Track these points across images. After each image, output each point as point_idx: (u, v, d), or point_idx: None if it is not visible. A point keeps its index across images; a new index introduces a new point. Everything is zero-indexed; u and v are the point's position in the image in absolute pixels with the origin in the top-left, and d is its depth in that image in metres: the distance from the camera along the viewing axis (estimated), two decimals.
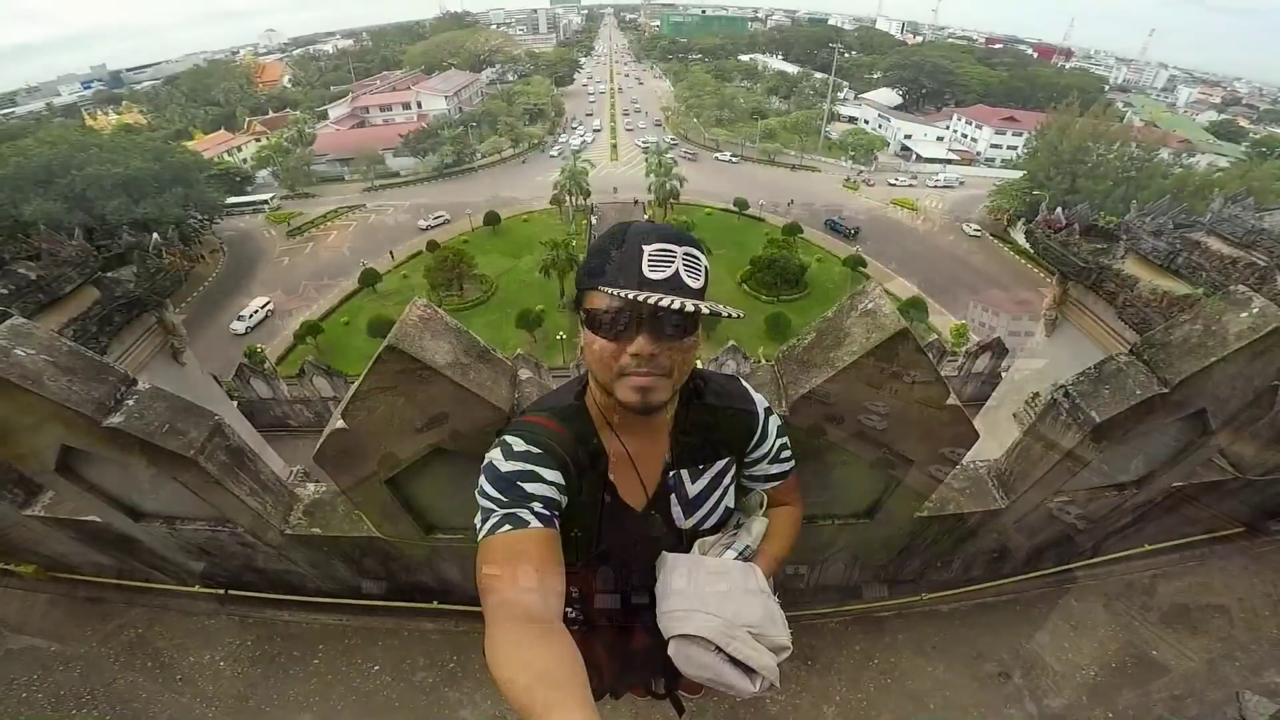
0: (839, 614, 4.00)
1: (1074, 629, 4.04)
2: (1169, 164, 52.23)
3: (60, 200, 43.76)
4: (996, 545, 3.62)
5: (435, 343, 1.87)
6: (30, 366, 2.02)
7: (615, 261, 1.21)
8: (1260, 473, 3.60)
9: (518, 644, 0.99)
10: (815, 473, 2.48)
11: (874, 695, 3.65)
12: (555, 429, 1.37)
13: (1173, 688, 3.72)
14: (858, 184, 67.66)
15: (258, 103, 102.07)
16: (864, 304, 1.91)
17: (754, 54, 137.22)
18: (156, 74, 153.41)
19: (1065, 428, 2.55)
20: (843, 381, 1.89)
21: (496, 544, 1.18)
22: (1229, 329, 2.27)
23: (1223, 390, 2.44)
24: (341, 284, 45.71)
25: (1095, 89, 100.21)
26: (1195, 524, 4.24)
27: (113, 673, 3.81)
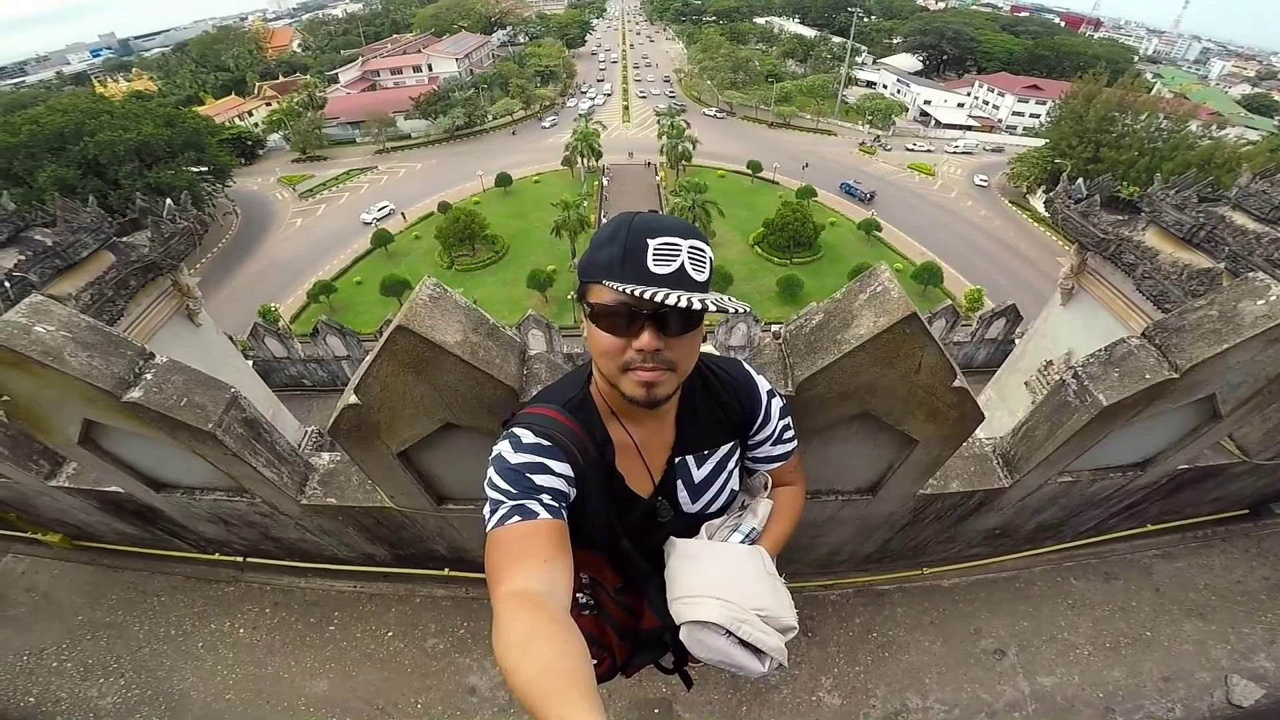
0: (839, 586, 4.07)
1: (1072, 608, 4.09)
2: (1197, 136, 50.46)
3: (73, 166, 43.97)
4: (1000, 523, 3.64)
5: (445, 322, 1.89)
6: (51, 343, 2.07)
7: (620, 255, 1.20)
8: (1268, 457, 3.57)
9: (525, 633, 0.99)
10: (819, 450, 2.50)
11: (871, 667, 3.73)
12: (563, 421, 1.38)
13: (1163, 668, 3.77)
14: (874, 149, 66.59)
15: (268, 68, 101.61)
16: (873, 286, 1.91)
17: (770, 16, 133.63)
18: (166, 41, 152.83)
19: (1073, 409, 2.54)
20: (849, 363, 1.90)
21: (505, 535, 1.19)
22: (1244, 316, 2.24)
23: (1234, 376, 2.44)
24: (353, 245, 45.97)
25: (1124, 59, 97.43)
26: (1199, 506, 4.25)
27: (138, 641, 3.94)
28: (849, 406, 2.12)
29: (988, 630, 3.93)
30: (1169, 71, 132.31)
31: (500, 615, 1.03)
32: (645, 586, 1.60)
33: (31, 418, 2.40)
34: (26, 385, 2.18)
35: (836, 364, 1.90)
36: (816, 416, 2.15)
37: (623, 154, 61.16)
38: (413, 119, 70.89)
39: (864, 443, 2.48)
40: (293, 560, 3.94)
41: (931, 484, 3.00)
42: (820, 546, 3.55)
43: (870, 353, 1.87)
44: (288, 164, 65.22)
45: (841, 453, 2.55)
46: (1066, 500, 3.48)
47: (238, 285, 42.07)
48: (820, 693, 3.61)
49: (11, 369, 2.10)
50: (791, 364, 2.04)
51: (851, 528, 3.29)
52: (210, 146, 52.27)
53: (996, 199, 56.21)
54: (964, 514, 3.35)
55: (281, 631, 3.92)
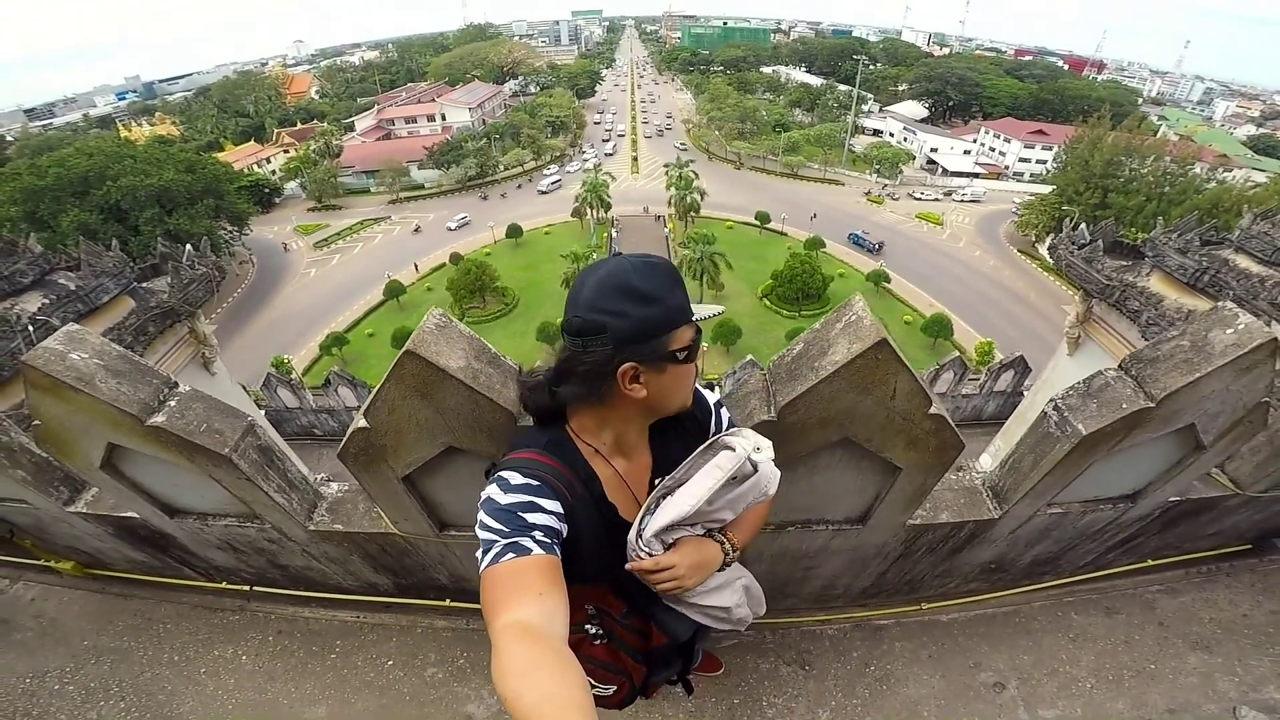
0: (836, 621, 4.09)
1: (1073, 641, 4.07)
2: (1203, 179, 50.96)
3: (96, 211, 45.00)
4: (994, 556, 3.68)
5: (450, 348, 2.03)
6: (84, 369, 2.23)
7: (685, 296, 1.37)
8: (1261, 489, 3.61)
9: (523, 663, 1.01)
10: (805, 478, 2.60)
11: (869, 700, 3.71)
12: (547, 462, 1.44)
13: (1168, 701, 3.73)
14: (882, 198, 67.52)
15: (286, 114, 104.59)
16: (848, 316, 2.04)
17: (777, 66, 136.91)
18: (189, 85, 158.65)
19: (1054, 439, 2.64)
20: (826, 389, 2.02)
21: (500, 572, 1.22)
22: (1215, 345, 2.34)
23: (1210, 406, 2.52)
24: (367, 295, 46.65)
25: (1128, 102, 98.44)
26: (1199, 540, 4.25)
27: (140, 666, 4.00)
28: (830, 432, 2.22)
29: (987, 664, 3.92)
30: (1174, 113, 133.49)
31: (498, 646, 1.06)
32: (650, 608, 1.68)
33: (59, 441, 2.54)
34: (58, 410, 2.33)
35: (814, 389, 2.01)
36: (799, 442, 2.25)
37: (631, 205, 62.27)
38: (426, 169, 72.50)
39: (849, 470, 2.58)
40: (298, 589, 4.02)
41: (921, 515, 3.08)
42: (815, 579, 3.60)
43: (846, 378, 1.99)
44: (304, 212, 66.89)
45: (828, 481, 2.64)
46: (1059, 533, 3.52)
47: (252, 335, 42.74)
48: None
49: (46, 394, 2.25)
50: (774, 390, 2.17)
51: (844, 559, 3.34)
52: (229, 194, 53.53)
53: (1005, 248, 56.65)
54: (956, 546, 3.41)
55: (283, 659, 3.97)
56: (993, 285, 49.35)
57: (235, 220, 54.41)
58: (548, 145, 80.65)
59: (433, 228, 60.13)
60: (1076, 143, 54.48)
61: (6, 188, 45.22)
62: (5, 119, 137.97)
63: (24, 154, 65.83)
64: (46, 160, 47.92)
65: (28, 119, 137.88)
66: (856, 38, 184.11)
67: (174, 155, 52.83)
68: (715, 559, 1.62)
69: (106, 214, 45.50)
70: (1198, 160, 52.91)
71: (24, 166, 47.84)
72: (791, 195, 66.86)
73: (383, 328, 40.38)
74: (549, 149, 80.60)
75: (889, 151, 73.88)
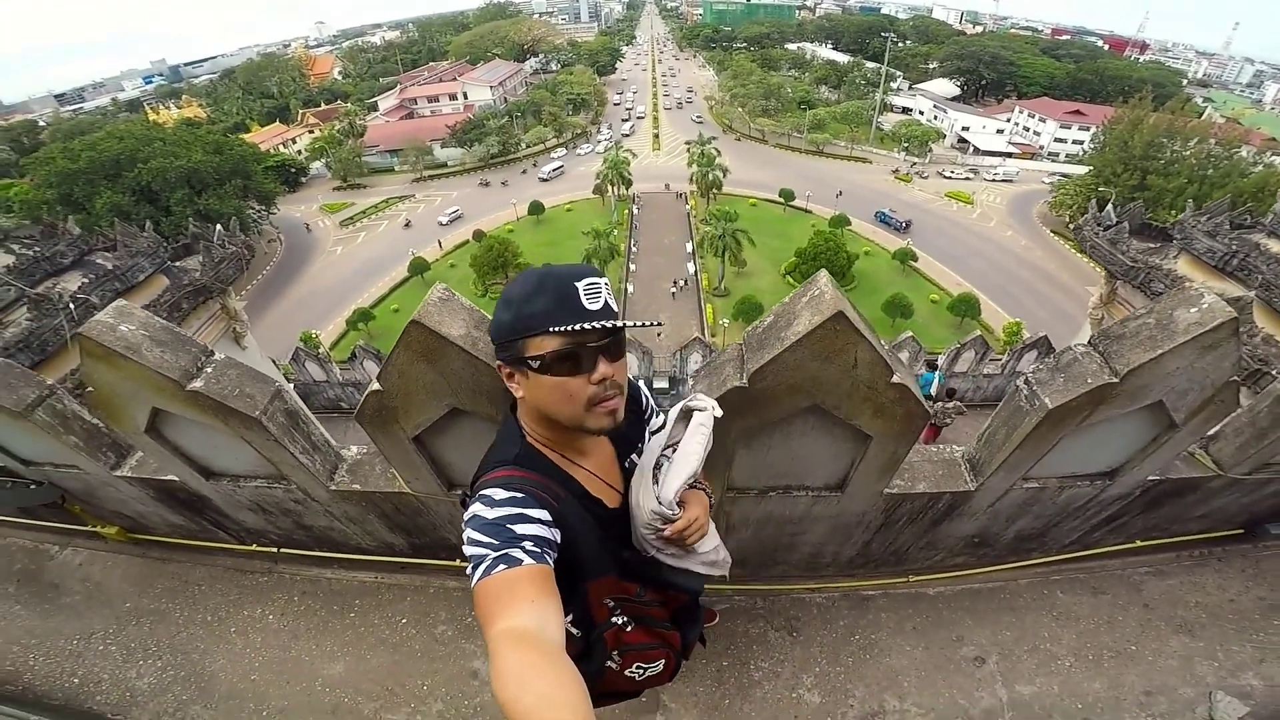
0: (825, 590, 4.25)
1: (1056, 619, 4.15)
2: (1249, 163, 49.20)
3: (128, 193, 45.98)
4: (977, 530, 3.82)
5: (451, 319, 2.27)
6: (132, 339, 2.51)
7: (555, 302, 1.33)
8: (1244, 471, 3.67)
9: (519, 667, 1.03)
10: (781, 443, 2.80)
11: (851, 668, 3.85)
12: (524, 474, 1.45)
13: (1145, 683, 3.80)
14: (910, 176, 66.41)
15: (310, 95, 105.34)
16: (812, 291, 2.22)
17: (802, 43, 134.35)
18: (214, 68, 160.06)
19: (1024, 413, 2.79)
20: (791, 357, 2.21)
21: (491, 584, 1.21)
22: (1178, 323, 2.44)
23: (1178, 383, 2.61)
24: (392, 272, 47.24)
25: (1172, 83, 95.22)
26: (1188, 522, 4.30)
27: (177, 626, 4.30)
28: (799, 399, 2.41)
29: (970, 638, 4.02)
30: (1220, 95, 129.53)
31: (494, 654, 1.07)
32: (660, 577, 1.79)
33: (110, 406, 2.83)
34: (109, 376, 2.62)
35: (779, 357, 2.21)
36: (773, 408, 2.46)
37: (652, 181, 61.99)
38: (448, 147, 72.82)
39: (823, 437, 2.76)
40: (321, 550, 4.32)
41: (899, 484, 3.25)
42: (802, 546, 3.78)
43: (808, 347, 2.18)
44: (329, 191, 67.73)
45: (804, 447, 2.83)
46: (1039, 508, 3.65)
47: (281, 311, 43.62)
48: (801, 690, 3.75)
49: (99, 361, 2.54)
50: (746, 359, 2.37)
51: (828, 526, 3.52)
52: (256, 174, 54.46)
53: (1038, 228, 55.52)
54: (936, 517, 3.57)
55: (307, 618, 4.26)
56: (1024, 266, 48.48)
57: (263, 200, 55.29)
58: (569, 122, 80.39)
59: (424, 220, 58.91)
60: (1116, 123, 52.93)
61: (42, 171, 46.39)
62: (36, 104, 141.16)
63: (56, 138, 67.10)
64: (79, 144, 49.06)
65: (58, 104, 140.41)
66: (885, 15, 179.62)
67: (201, 137, 53.80)
68: (707, 504, 1.83)
69: (138, 195, 46.57)
70: (1245, 143, 51.12)
71: (57, 150, 48.92)
72: (817, 173, 65.99)
73: (408, 303, 41.33)
74: (570, 126, 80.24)
75: (918, 130, 72.67)
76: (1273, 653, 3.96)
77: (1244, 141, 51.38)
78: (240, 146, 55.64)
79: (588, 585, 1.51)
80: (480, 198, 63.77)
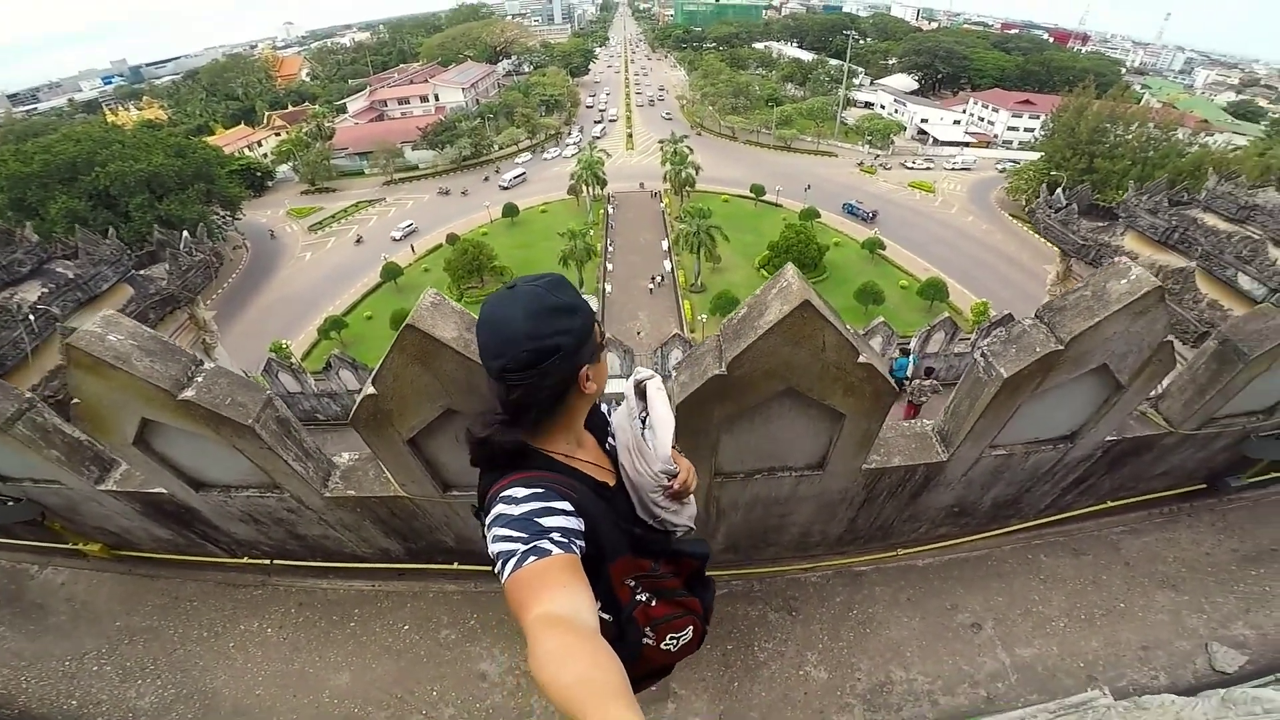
0: (819, 569, 4.37)
1: (1043, 582, 4.31)
2: (1185, 144, 51.92)
3: (84, 198, 44.10)
4: (954, 499, 3.98)
5: (444, 322, 2.33)
6: (121, 349, 2.50)
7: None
8: (1193, 427, 3.90)
9: (557, 649, 1.04)
10: (762, 427, 2.93)
11: (853, 643, 3.96)
12: (538, 474, 1.49)
13: (1141, 638, 3.95)
14: (874, 168, 67.49)
15: (277, 97, 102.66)
16: (780, 283, 2.39)
17: (768, 42, 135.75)
18: (177, 68, 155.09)
19: (983, 383, 2.97)
20: (764, 344, 2.35)
21: (523, 575, 1.24)
22: (1111, 293, 2.68)
23: (1116, 346, 2.84)
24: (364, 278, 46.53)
25: (1112, 72, 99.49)
26: (1152, 480, 4.52)
27: (172, 644, 4.24)
28: (775, 383, 2.55)
29: (963, 606, 4.17)
30: (1156, 82, 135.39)
31: (531, 639, 1.08)
32: (669, 547, 1.86)
33: (96, 418, 2.80)
34: (97, 387, 2.60)
35: (754, 345, 2.36)
36: (750, 393, 2.59)
37: (627, 181, 61.58)
38: (420, 149, 71.63)
39: (800, 418, 2.89)
40: (315, 560, 4.29)
41: (876, 459, 3.39)
42: (791, 526, 3.89)
43: (780, 334, 2.33)
44: (296, 196, 66.12)
45: (783, 429, 2.96)
46: (1010, 475, 3.82)
47: (249, 320, 42.45)
48: (807, 667, 3.85)
49: (87, 372, 2.52)
50: (724, 348, 2.50)
51: (814, 505, 3.64)
52: (220, 178, 52.67)
53: (997, 212, 56.80)
54: (915, 490, 3.71)
55: (306, 630, 4.23)
56: (986, 249, 49.66)
57: (227, 205, 53.67)
58: (542, 124, 79.56)
59: (377, 235, 55.08)
60: (1063, 111, 54.73)
61: None
62: None
63: (8, 140, 64.49)
64: (32, 146, 46.75)
65: (11, 104, 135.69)
66: (846, 13, 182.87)
67: (163, 140, 51.72)
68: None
69: (96, 200, 44.60)
70: (1180, 126, 53.47)
71: (9, 153, 46.06)
72: (786, 168, 66.67)
73: (381, 310, 40.31)
74: (544, 127, 79.45)
75: (880, 123, 73.71)
76: (1257, 602, 4.14)
77: (1179, 124, 53.67)
78: (203, 149, 53.63)
79: (610, 568, 1.55)
80: (438, 208, 60.70)
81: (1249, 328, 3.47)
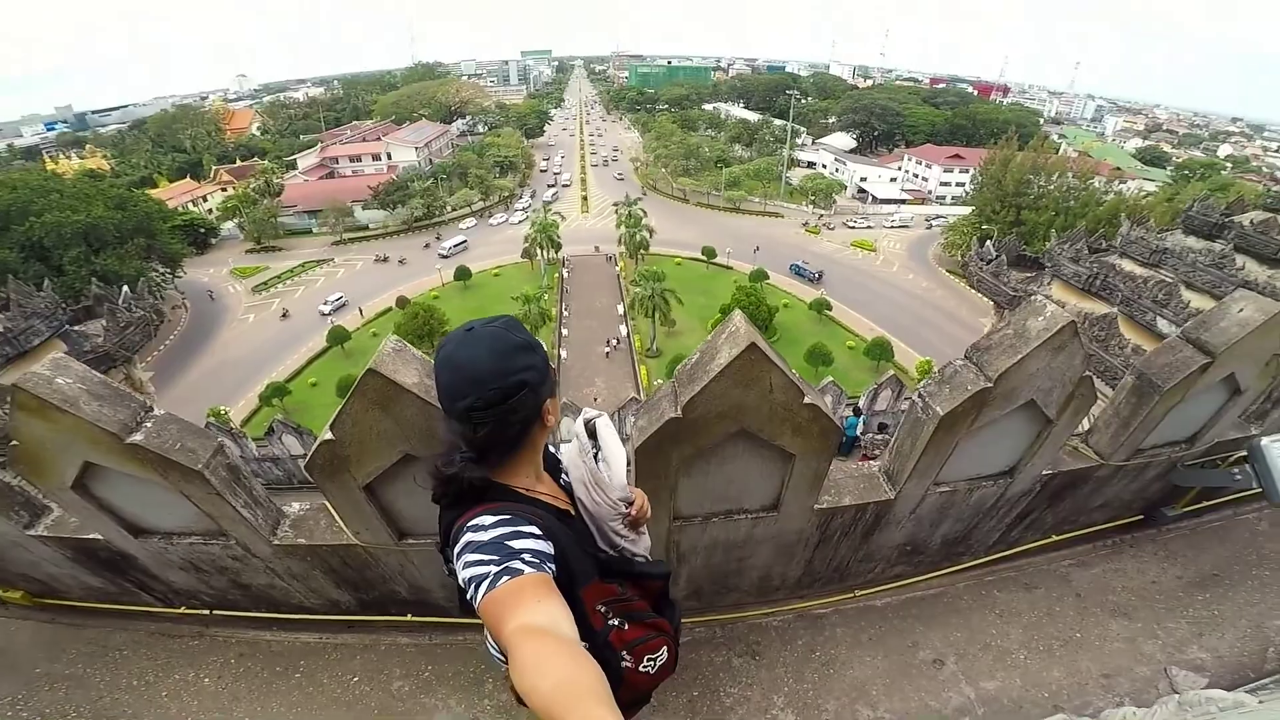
0: (780, 613, 4.38)
1: (1000, 617, 4.41)
2: (1102, 191, 55.51)
3: (15, 249, 42.20)
4: (906, 538, 4.09)
5: (405, 368, 2.37)
6: (69, 393, 2.45)
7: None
8: (1122, 458, 4.14)
9: (536, 656, 1.06)
10: (718, 469, 3.03)
11: (819, 684, 3.96)
12: (500, 504, 1.52)
13: (1101, 666, 4.05)
14: (818, 228, 69.93)
15: (225, 150, 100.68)
16: (730, 328, 2.56)
17: (717, 103, 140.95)
18: (124, 117, 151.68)
19: (922, 422, 3.14)
20: (716, 387, 2.49)
21: (498, 594, 1.25)
22: (1031, 330, 2.90)
23: (1041, 382, 3.04)
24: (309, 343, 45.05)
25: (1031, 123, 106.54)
26: (1092, 513, 4.74)
27: (98, 691, 3.99)
28: (728, 424, 2.68)
29: (924, 643, 4.22)
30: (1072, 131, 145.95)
31: (511, 650, 1.10)
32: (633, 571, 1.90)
33: (35, 461, 2.72)
34: (40, 430, 2.53)
35: (707, 388, 2.49)
36: (705, 435, 2.70)
37: (582, 245, 61.88)
38: (370, 209, 70.64)
39: (753, 460, 3.01)
40: (259, 611, 4.12)
41: (828, 499, 3.51)
42: (751, 569, 3.93)
43: (730, 377, 2.46)
44: (241, 254, 64.25)
45: (738, 471, 3.07)
46: (956, 511, 3.97)
47: (186, 385, 40.27)
48: (774, 711, 3.82)
49: (31, 415, 2.46)
50: (679, 392, 2.62)
51: (771, 547, 3.71)
52: (162, 233, 51.24)
53: (935, 269, 59.17)
54: (866, 528, 3.82)
55: (247, 680, 4.03)
56: (926, 306, 51.57)
57: (168, 261, 51.76)
58: (496, 185, 79.53)
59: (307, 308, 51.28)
60: (989, 164, 57.64)
61: None
62: None
63: None
64: None
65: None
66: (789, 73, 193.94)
67: (104, 191, 50.14)
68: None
69: (28, 252, 42.68)
70: (1096, 174, 57.14)
71: None
72: (735, 229, 68.51)
73: (326, 376, 38.80)
74: (498, 189, 79.38)
75: (823, 183, 76.84)
76: (1208, 625, 4.31)
77: (1095, 173, 57.37)
78: (146, 202, 52.12)
79: (581, 594, 1.57)
80: (372, 277, 57.72)
81: (1160, 361, 3.71)
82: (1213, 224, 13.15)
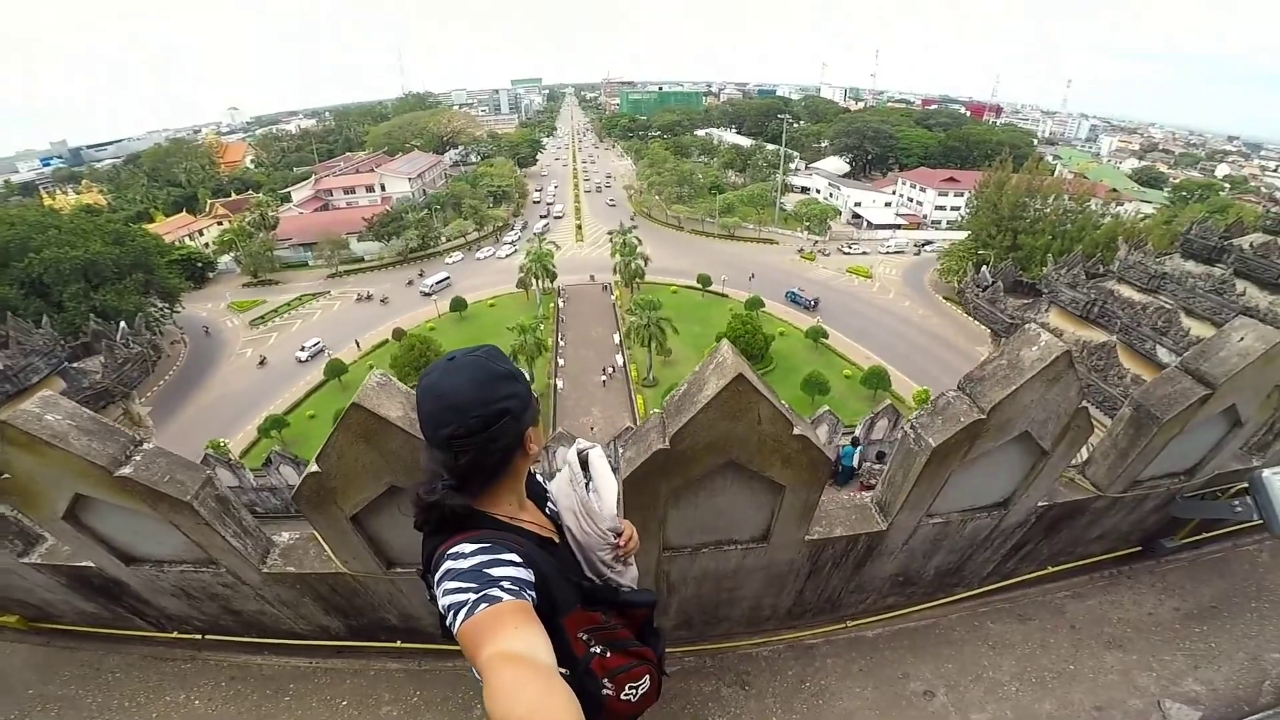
0: (770, 643, 4.35)
1: (992, 648, 4.35)
2: (1099, 214, 55.08)
3: (15, 285, 42.58)
4: (898, 569, 4.07)
5: (389, 401, 2.42)
6: (59, 428, 2.51)
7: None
8: (1120, 490, 4.11)
9: (510, 683, 1.06)
10: (707, 501, 3.04)
11: (808, 715, 3.91)
12: (482, 532, 1.53)
13: (1093, 699, 3.98)
14: (813, 254, 70.13)
15: (220, 183, 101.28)
16: (717, 359, 2.57)
17: (709, 129, 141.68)
18: (118, 151, 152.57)
19: (914, 454, 3.13)
20: (704, 418, 2.49)
21: (476, 621, 1.25)
22: (1025, 361, 2.88)
23: (1036, 413, 3.02)
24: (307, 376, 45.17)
25: (1025, 144, 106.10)
26: (1089, 545, 4.70)
27: (90, 712, 4.01)
28: (716, 455, 2.68)
29: (915, 674, 4.17)
30: (1067, 152, 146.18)
31: (486, 676, 1.11)
32: (617, 600, 1.92)
33: (25, 493, 2.78)
34: (29, 464, 2.59)
35: (694, 419, 2.50)
36: (693, 466, 2.71)
37: (577, 274, 62.13)
38: (365, 240, 70.78)
39: (743, 491, 3.01)
40: (251, 635, 4.13)
41: (819, 530, 3.50)
42: (741, 600, 3.92)
43: (717, 408, 2.47)
44: (238, 288, 64.41)
45: (727, 502, 3.07)
46: (950, 542, 3.95)
47: (185, 420, 40.54)
48: None
49: (22, 450, 2.52)
50: (666, 424, 2.64)
51: (761, 578, 3.70)
52: (160, 268, 51.51)
53: (931, 296, 59.23)
54: (858, 559, 3.81)
55: (237, 703, 4.03)
56: (923, 333, 51.54)
57: (166, 296, 52.03)
58: (490, 215, 79.96)
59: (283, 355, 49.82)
60: (984, 187, 57.77)
61: None
62: None
63: None
64: None
65: None
66: (780, 97, 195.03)
67: (102, 226, 50.66)
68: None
69: (27, 288, 43.02)
70: (1092, 196, 57.38)
71: None
72: (730, 256, 68.80)
73: (324, 409, 39.10)
74: (491, 219, 79.80)
75: (817, 208, 77.30)
76: (1204, 658, 4.25)
77: (1091, 195, 57.62)
78: (143, 237, 52.57)
79: (563, 621, 1.59)
80: (351, 317, 56.67)
81: (1159, 392, 3.66)
82: (1212, 247, 13.04)
